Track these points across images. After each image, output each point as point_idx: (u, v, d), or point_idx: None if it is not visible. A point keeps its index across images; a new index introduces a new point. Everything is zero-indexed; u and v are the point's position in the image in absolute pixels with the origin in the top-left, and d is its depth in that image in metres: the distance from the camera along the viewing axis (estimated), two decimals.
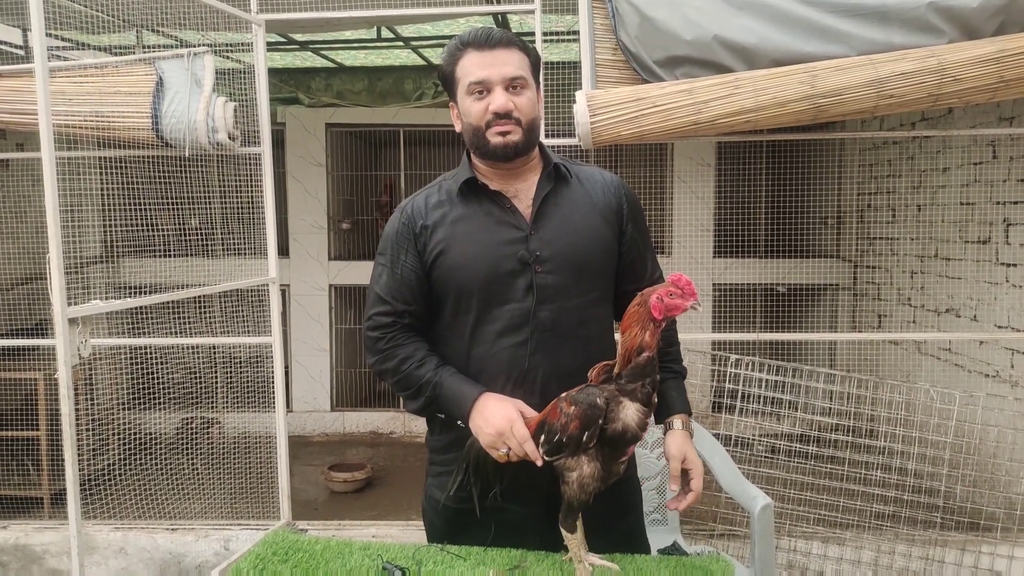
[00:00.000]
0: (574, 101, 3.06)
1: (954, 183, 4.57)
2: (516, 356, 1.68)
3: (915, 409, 3.27)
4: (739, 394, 3.33)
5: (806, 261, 5.89)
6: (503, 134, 1.65)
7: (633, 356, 1.54)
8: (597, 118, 2.98)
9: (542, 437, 1.57)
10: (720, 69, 3.06)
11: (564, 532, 1.59)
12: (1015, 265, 3.98)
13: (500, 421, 1.56)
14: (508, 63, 1.66)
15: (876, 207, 5.62)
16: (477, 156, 1.73)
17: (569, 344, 1.70)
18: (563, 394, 1.58)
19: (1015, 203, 3.98)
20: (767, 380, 3.34)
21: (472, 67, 1.66)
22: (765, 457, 3.38)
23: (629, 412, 1.53)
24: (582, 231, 1.72)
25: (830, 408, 3.32)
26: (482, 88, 1.65)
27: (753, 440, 3.40)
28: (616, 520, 1.81)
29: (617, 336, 1.88)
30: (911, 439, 3.26)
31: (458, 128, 1.75)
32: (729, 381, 3.33)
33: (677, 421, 1.72)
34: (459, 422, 1.65)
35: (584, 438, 1.53)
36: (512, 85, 1.66)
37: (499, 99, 1.64)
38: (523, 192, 1.74)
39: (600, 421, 1.52)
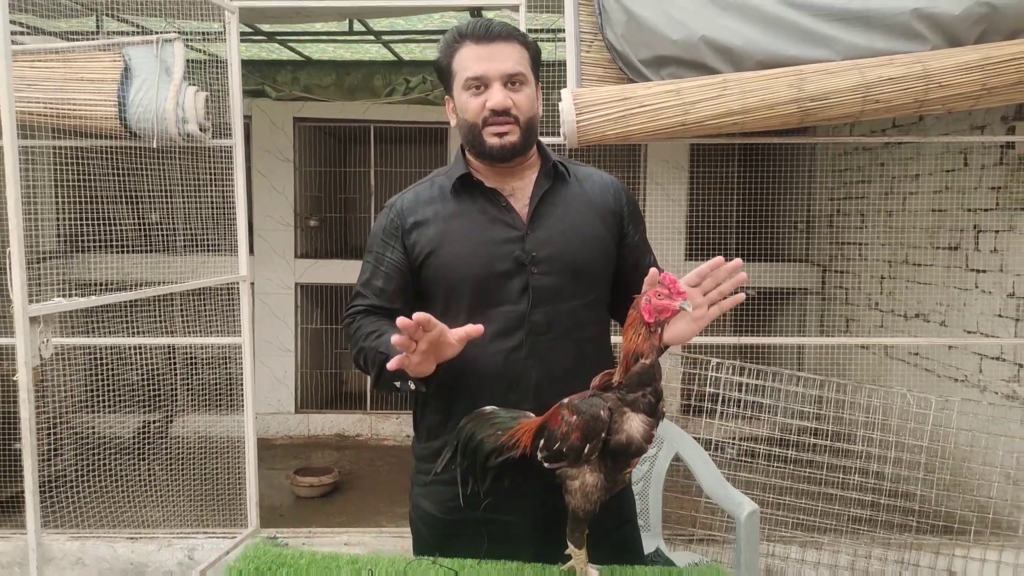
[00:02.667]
0: (558, 99, 3.01)
1: (925, 190, 4.63)
2: (509, 360, 1.62)
3: (892, 414, 3.28)
4: (719, 398, 3.31)
5: (776, 265, 5.93)
6: (500, 135, 1.59)
7: (631, 364, 1.48)
8: (583, 117, 2.93)
9: (541, 442, 1.50)
10: (706, 70, 3.04)
11: (571, 546, 1.52)
12: (985, 271, 4.04)
13: None
14: (508, 58, 1.59)
15: (846, 212, 5.69)
16: (472, 154, 1.67)
17: (563, 348, 1.64)
18: (565, 400, 1.51)
19: (986, 210, 4.05)
20: (746, 384, 3.32)
21: (469, 61, 1.59)
22: (743, 462, 3.36)
23: (634, 424, 1.47)
24: (580, 232, 1.67)
25: (809, 412, 3.32)
26: (479, 83, 1.59)
27: (726, 443, 3.39)
28: (613, 530, 1.76)
29: (614, 339, 1.84)
30: (888, 443, 3.28)
31: (453, 123, 1.69)
32: (710, 385, 3.30)
33: None
34: (410, 383, 1.52)
35: (586, 450, 1.46)
36: (511, 81, 1.59)
37: (497, 96, 1.57)
38: (520, 191, 1.68)
39: (603, 434, 1.46)
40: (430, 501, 1.71)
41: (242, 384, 3.42)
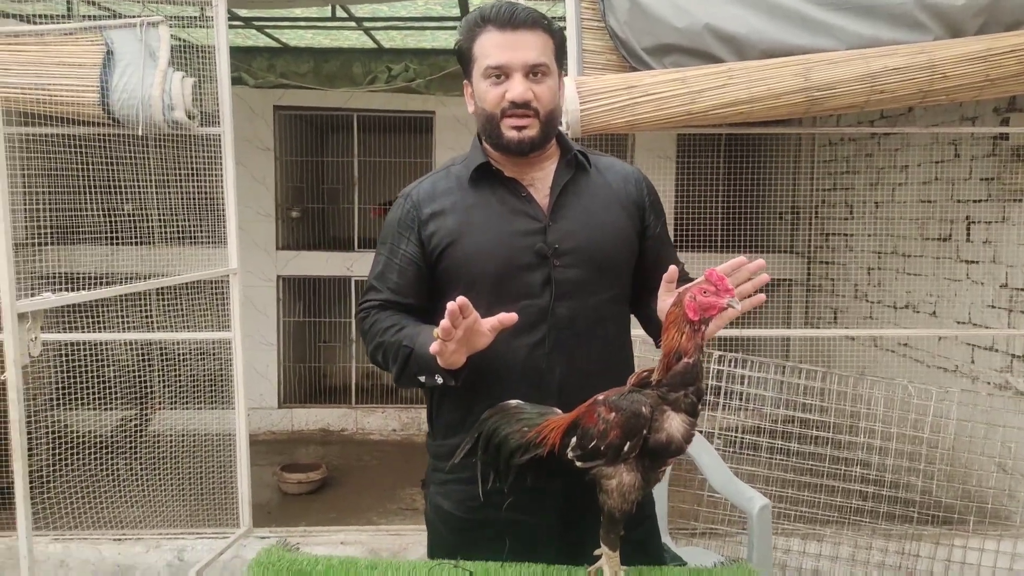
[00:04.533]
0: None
1: (913, 181, 4.65)
2: (532, 356, 1.56)
3: (893, 405, 3.29)
4: (721, 390, 3.28)
5: (762, 256, 5.91)
6: (519, 128, 1.53)
7: (672, 362, 1.43)
8: (588, 106, 2.87)
9: (573, 440, 1.45)
10: (710, 59, 3.00)
11: (605, 549, 1.47)
12: (976, 262, 4.07)
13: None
14: (531, 47, 1.52)
15: (832, 203, 5.70)
16: (489, 145, 1.61)
17: (588, 342, 1.60)
18: (600, 396, 1.46)
19: (977, 201, 4.07)
20: (748, 376, 3.30)
21: (491, 48, 1.53)
22: (747, 455, 3.34)
23: (674, 423, 1.43)
24: (603, 224, 1.62)
25: (811, 405, 3.31)
26: (500, 73, 1.52)
27: (723, 435, 3.37)
28: (632, 529, 1.71)
29: (634, 332, 1.79)
30: (888, 435, 3.28)
31: (470, 109, 1.63)
32: (712, 377, 3.28)
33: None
34: (437, 377, 1.49)
35: (625, 448, 1.42)
36: (533, 72, 1.52)
37: (517, 88, 1.51)
38: (540, 181, 1.62)
39: (645, 431, 1.41)
40: (450, 500, 1.66)
41: (225, 379, 3.32)
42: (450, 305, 1.33)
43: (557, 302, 1.56)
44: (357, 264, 6.07)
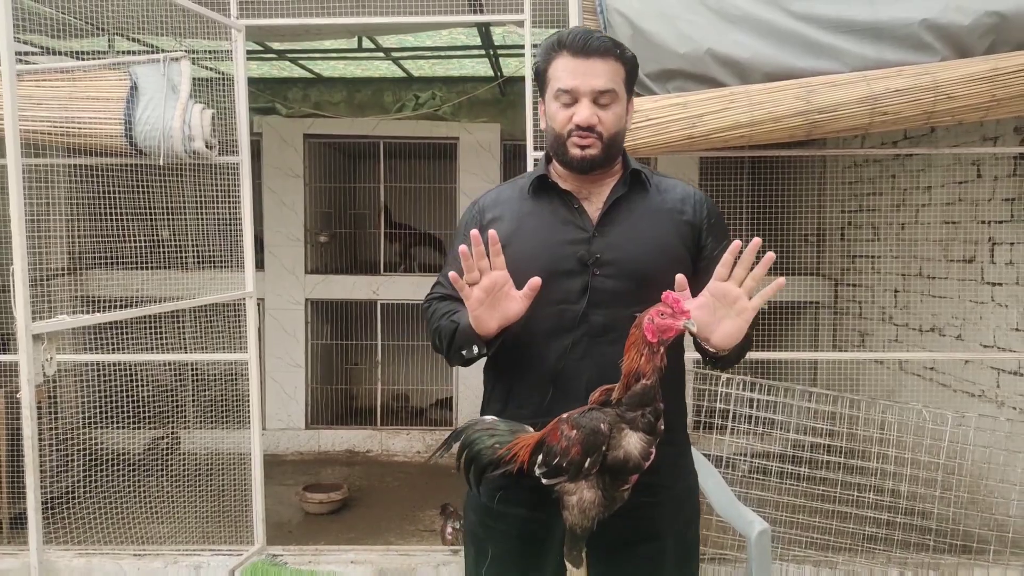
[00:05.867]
0: None
1: (937, 202, 4.58)
2: (564, 358, 1.64)
3: (907, 430, 3.22)
4: (729, 413, 3.26)
5: (787, 278, 5.85)
6: (582, 147, 1.63)
7: (631, 383, 1.47)
8: None
9: (539, 458, 1.50)
10: (713, 83, 3.02)
11: (569, 566, 1.50)
12: (1001, 284, 3.98)
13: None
14: (600, 75, 1.61)
15: (857, 225, 5.63)
16: (556, 160, 1.72)
17: (621, 353, 1.63)
18: (564, 415, 1.51)
19: (1000, 222, 3.99)
20: (758, 399, 3.27)
21: (563, 73, 1.63)
22: (755, 479, 3.31)
23: (631, 441, 1.46)
24: (650, 240, 1.68)
25: (822, 428, 3.26)
26: (570, 96, 1.62)
27: (737, 459, 3.33)
28: (639, 543, 1.71)
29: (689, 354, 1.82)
30: (903, 460, 3.21)
31: (543, 126, 1.74)
32: (720, 400, 3.26)
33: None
34: (474, 348, 1.60)
35: (586, 464, 1.46)
36: (600, 98, 1.62)
37: (584, 112, 1.61)
38: (596, 195, 1.72)
39: (604, 448, 1.45)
40: (484, 487, 1.70)
41: (247, 400, 3.42)
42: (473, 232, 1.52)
43: (591, 309, 1.64)
44: (383, 287, 6.18)
